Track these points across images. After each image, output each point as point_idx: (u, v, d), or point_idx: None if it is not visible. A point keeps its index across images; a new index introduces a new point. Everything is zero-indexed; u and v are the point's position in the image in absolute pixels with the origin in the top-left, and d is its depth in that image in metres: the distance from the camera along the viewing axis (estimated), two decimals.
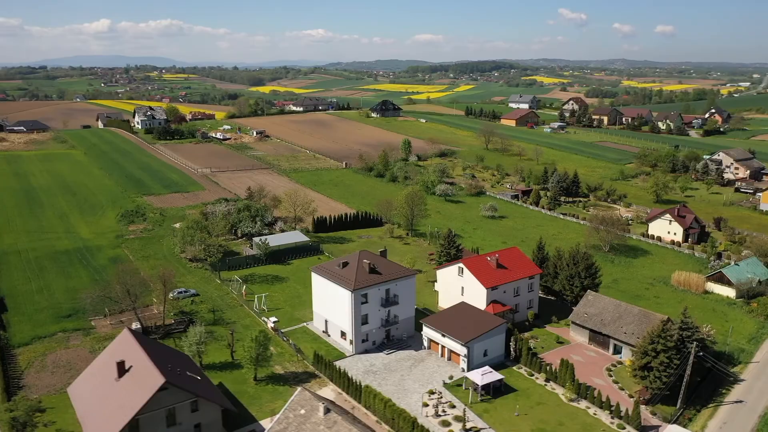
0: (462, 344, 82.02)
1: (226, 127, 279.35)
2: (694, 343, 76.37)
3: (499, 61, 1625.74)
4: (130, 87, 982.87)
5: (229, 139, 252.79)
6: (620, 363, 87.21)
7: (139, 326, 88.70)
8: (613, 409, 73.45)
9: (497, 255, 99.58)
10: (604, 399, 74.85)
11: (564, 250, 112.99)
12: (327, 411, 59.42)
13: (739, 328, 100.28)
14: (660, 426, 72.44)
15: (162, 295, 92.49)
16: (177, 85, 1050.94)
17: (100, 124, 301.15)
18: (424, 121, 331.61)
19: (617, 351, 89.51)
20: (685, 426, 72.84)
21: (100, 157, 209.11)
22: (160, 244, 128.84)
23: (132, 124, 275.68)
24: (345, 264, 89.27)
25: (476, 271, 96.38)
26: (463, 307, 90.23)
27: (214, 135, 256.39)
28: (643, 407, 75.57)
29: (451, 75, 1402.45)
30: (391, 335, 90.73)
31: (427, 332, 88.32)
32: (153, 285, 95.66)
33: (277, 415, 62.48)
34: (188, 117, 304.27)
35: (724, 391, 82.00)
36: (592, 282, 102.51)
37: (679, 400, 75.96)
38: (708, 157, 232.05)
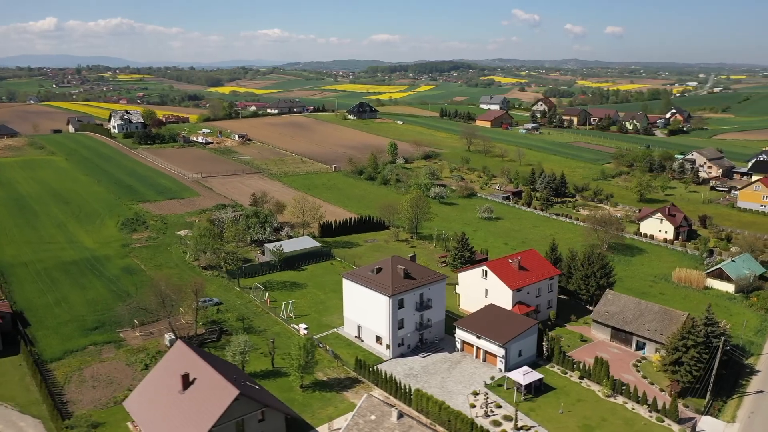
0: (500, 345, 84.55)
1: (206, 130, 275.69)
2: (722, 337, 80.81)
3: (456, 61, 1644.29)
4: (83, 88, 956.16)
5: (212, 143, 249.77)
6: (644, 359, 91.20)
7: (173, 337, 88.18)
8: (650, 403, 77.12)
9: (519, 257, 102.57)
10: (640, 394, 78.49)
11: (577, 250, 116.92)
12: (400, 416, 60.95)
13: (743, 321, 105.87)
14: (694, 418, 76.39)
15: (190, 305, 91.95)
16: (133, 86, 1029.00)
17: (71, 129, 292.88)
18: (401, 122, 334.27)
19: (639, 347, 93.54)
20: (716, 417, 77.14)
21: (83, 163, 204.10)
22: (169, 252, 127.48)
23: (108, 128, 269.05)
24: (379, 270, 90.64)
25: (500, 274, 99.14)
26: (493, 309, 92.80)
27: (195, 139, 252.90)
28: (667, 400, 79.43)
29: (411, 75, 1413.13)
30: (424, 338, 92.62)
31: (461, 334, 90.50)
32: (181, 295, 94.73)
33: (346, 422, 63.70)
34: (163, 120, 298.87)
35: (744, 382, 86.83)
36: (607, 281, 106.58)
37: (708, 393, 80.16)
38: (681, 156, 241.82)
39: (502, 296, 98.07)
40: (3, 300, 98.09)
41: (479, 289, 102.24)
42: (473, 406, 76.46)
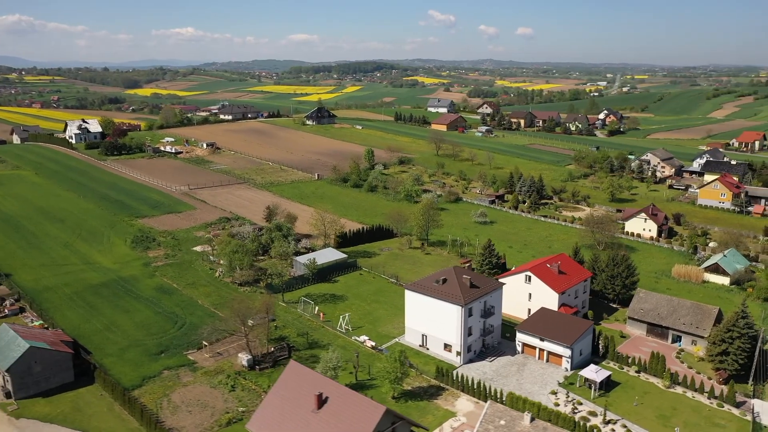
0: (566, 346, 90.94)
1: (169, 139, 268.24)
2: (762, 328, 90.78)
3: (379, 62, 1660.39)
4: None
5: (181, 152, 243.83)
6: (682, 351, 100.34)
7: (249, 356, 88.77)
8: (707, 391, 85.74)
9: (559, 262, 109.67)
10: (698, 385, 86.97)
11: (599, 254, 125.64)
12: (532, 419, 65.71)
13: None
14: (746, 401, 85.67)
15: (264, 324, 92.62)
16: (44, 89, 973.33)
17: (16, 139, 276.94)
18: (360, 127, 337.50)
19: (675, 340, 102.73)
20: (762, 399, 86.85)
21: (56, 178, 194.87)
22: (194, 269, 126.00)
23: (64, 138, 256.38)
24: (444, 280, 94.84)
25: (544, 278, 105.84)
26: (547, 313, 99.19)
27: (163, 149, 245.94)
28: (723, 387, 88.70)
29: (335, 76, 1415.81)
30: (486, 343, 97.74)
31: (522, 337, 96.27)
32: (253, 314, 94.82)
33: (475, 429, 67.70)
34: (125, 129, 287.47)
35: None
36: (632, 281, 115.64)
37: (751, 378, 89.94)
38: (633, 157, 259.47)
39: (548, 300, 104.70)
40: (56, 329, 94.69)
41: (522, 294, 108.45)
42: (557, 404, 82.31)
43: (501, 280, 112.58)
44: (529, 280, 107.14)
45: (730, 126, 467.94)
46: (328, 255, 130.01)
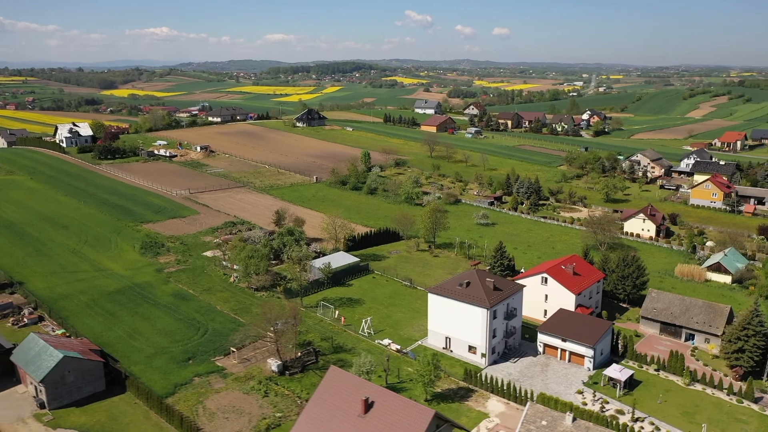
0: (589, 346, 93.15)
1: (162, 142, 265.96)
2: None
3: (357, 62, 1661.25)
4: None
5: (176, 155, 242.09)
6: (696, 349, 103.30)
7: (279, 362, 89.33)
8: (726, 387, 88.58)
9: (574, 264, 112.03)
10: (716, 382, 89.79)
11: (609, 255, 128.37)
12: (574, 419, 67.53)
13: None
14: (763, 397, 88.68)
15: (292, 329, 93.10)
16: (18, 90, 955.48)
17: (3, 143, 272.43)
18: (350, 129, 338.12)
19: (688, 339, 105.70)
20: None
21: (51, 183, 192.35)
22: (207, 275, 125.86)
23: (55, 142, 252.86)
24: (467, 284, 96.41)
25: (561, 280, 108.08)
26: (566, 313, 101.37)
27: (156, 152, 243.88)
28: (741, 383, 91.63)
29: (314, 76, 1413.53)
30: (508, 345, 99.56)
31: (543, 338, 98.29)
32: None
33: (516, 431, 69.33)
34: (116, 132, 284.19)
35: None
36: (642, 281, 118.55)
37: (765, 374, 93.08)
38: (623, 158, 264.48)
39: (565, 300, 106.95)
40: (80, 338, 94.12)
41: (538, 295, 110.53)
42: (585, 404, 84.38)
43: (517, 282, 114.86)
44: (546, 281, 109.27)
45: (709, 126, 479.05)
46: (341, 259, 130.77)
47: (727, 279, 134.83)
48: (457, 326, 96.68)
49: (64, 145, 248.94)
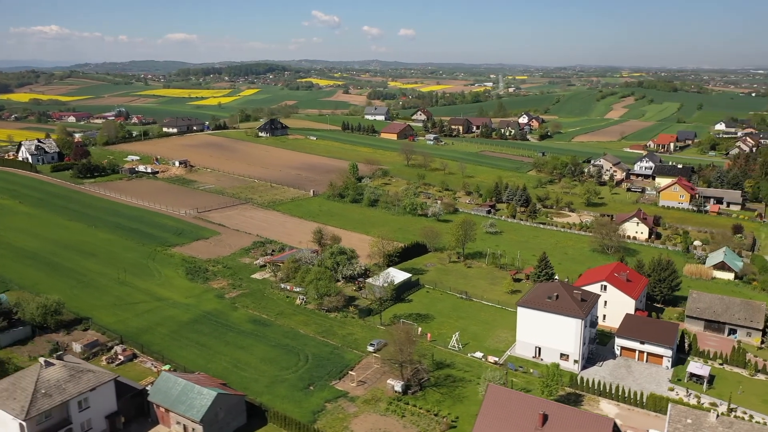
0: (668, 347, 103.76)
1: (134, 157, 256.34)
2: None
3: (268, 63, 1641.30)
4: None
5: (158, 172, 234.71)
6: (740, 342, 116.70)
7: (401, 382, 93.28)
8: None
9: (627, 271, 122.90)
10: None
11: (644, 261, 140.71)
12: (718, 416, 76.81)
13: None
14: None
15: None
16: None
17: None
18: (314, 138, 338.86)
19: (730, 333, 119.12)
20: None
21: (45, 207, 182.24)
22: (269, 298, 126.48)
23: (20, 160, 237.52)
24: (557, 296, 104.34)
25: (619, 286, 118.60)
26: (633, 318, 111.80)
27: (137, 168, 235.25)
28: None
29: (226, 78, 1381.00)
30: (591, 350, 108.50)
31: (621, 342, 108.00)
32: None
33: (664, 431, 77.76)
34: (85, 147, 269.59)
35: None
36: (677, 283, 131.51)
37: None
38: (590, 162, 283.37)
39: (624, 305, 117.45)
40: (197, 372, 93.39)
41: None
42: (681, 400, 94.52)
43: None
44: (605, 288, 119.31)
45: (629, 127, 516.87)
46: (396, 275, 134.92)
47: (730, 276, 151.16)
48: (548, 336, 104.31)
49: (31, 162, 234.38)
